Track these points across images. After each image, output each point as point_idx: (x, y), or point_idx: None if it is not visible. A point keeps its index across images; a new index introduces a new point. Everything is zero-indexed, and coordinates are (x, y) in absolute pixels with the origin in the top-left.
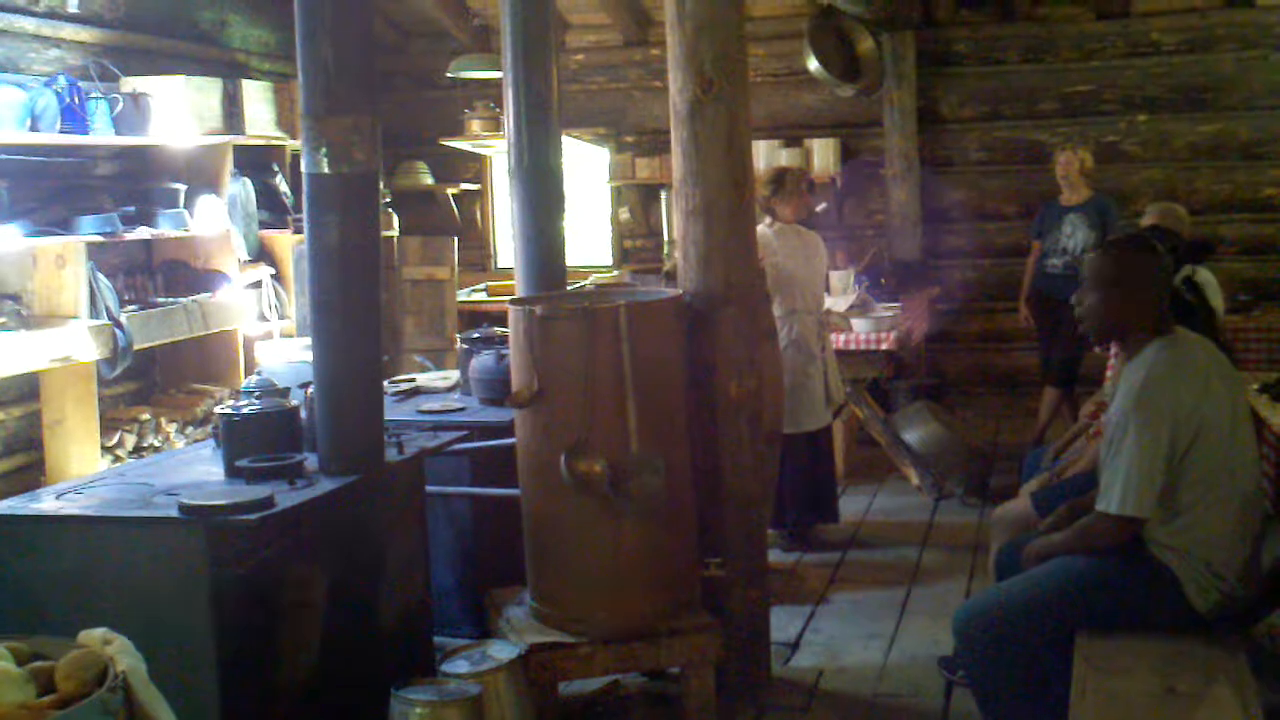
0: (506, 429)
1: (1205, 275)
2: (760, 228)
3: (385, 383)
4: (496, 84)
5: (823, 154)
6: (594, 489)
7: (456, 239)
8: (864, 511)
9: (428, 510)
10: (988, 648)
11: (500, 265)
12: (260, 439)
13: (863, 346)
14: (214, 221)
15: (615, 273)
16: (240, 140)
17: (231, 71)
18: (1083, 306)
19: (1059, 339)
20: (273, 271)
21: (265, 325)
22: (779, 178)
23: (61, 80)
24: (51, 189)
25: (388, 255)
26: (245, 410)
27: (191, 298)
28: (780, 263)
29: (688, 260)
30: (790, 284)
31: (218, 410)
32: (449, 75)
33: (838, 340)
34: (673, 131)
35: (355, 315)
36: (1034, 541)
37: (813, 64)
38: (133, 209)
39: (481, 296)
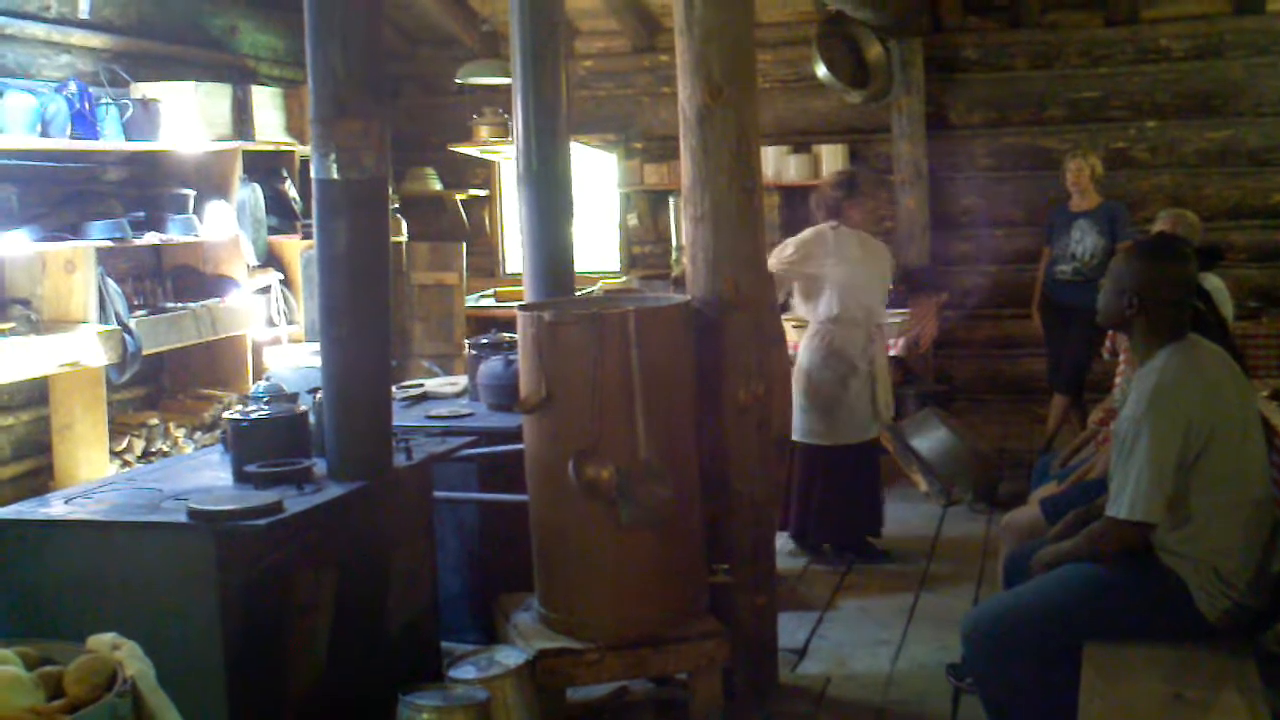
0: (514, 434)
1: (1214, 282)
2: (821, 227)
3: (393, 388)
4: (505, 90)
5: (831, 160)
6: (602, 495)
7: (465, 244)
8: None
9: (435, 516)
10: (996, 655)
11: (509, 271)
12: (269, 444)
13: None
14: (223, 227)
15: (623, 278)
16: (249, 146)
17: (241, 77)
18: (1103, 292)
19: (1068, 345)
20: (281, 277)
21: (274, 330)
22: (851, 181)
23: (72, 86)
24: (61, 194)
25: (396, 260)
26: (254, 415)
27: (200, 303)
28: (823, 266)
29: (696, 266)
30: (833, 290)
31: (226, 415)
32: (457, 81)
33: None
34: (681, 138)
35: (364, 320)
36: (1043, 549)
37: (821, 70)
38: (142, 214)
39: (490, 302)
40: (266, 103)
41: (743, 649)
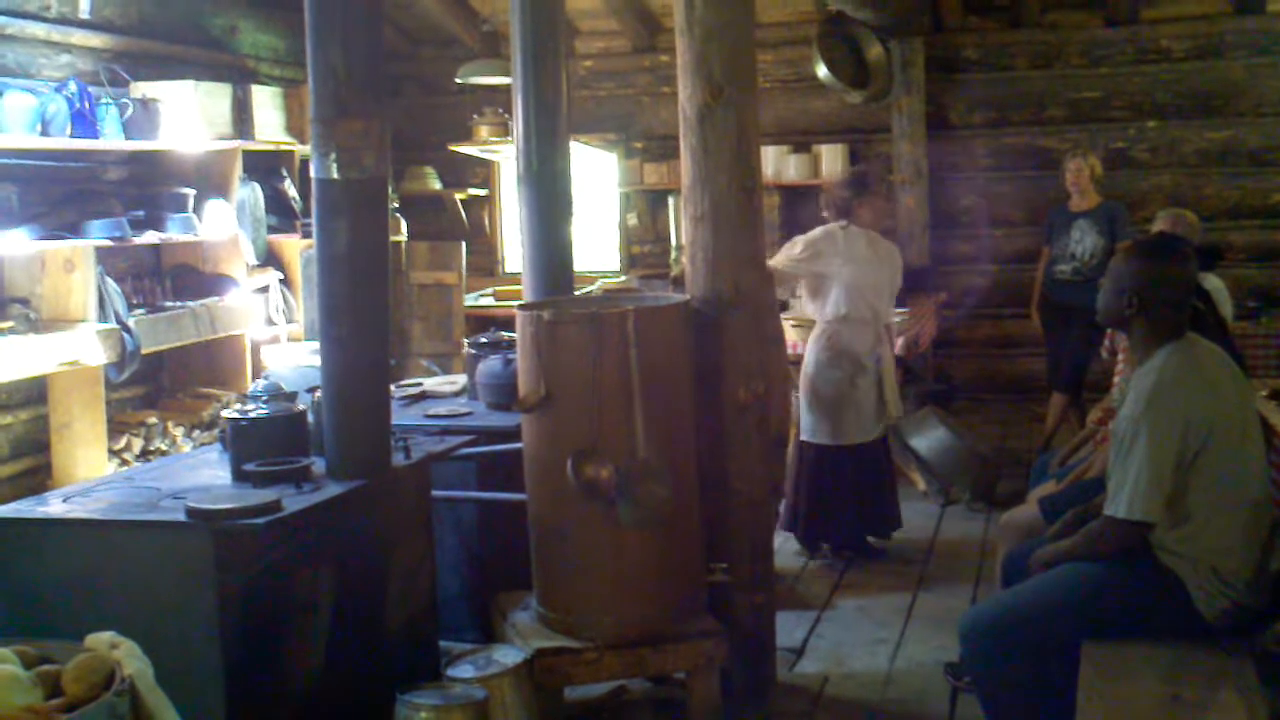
0: (513, 434)
1: (1214, 282)
2: (831, 226)
3: (392, 387)
4: (505, 90)
5: (831, 160)
6: (601, 494)
7: (464, 244)
8: None
9: (434, 515)
10: (994, 654)
11: (508, 270)
12: (267, 443)
13: None
14: (222, 226)
15: (623, 278)
16: (249, 145)
17: (241, 77)
18: (1103, 292)
19: (1067, 345)
20: (280, 276)
21: (273, 329)
22: (861, 180)
23: (72, 85)
24: (61, 193)
25: (395, 260)
26: (252, 414)
27: (200, 302)
28: (831, 265)
29: (695, 265)
30: (841, 289)
31: (225, 414)
32: (457, 81)
33: None
34: (681, 137)
35: (363, 320)
36: (1041, 548)
37: (821, 70)
38: (142, 213)
39: (489, 301)
40: (266, 102)
41: (741, 648)
